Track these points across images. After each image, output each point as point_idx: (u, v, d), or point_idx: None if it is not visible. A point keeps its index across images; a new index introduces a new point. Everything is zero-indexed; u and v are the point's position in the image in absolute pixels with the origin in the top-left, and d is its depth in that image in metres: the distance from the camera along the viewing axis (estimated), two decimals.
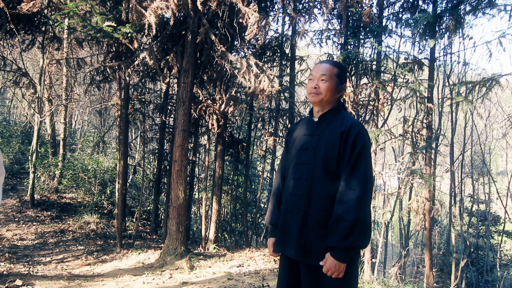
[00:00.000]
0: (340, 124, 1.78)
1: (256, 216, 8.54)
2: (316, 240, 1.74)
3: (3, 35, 6.82)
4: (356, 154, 1.70)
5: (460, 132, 10.99)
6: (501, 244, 11.11)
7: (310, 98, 1.87)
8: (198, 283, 4.30)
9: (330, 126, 1.81)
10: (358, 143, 1.71)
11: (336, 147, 1.74)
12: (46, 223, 8.30)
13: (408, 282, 6.59)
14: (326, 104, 1.87)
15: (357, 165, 1.69)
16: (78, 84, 12.18)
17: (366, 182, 1.67)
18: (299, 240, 1.78)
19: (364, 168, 1.69)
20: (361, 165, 1.69)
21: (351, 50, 6.89)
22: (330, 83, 1.83)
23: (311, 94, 1.86)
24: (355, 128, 1.73)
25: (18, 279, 4.24)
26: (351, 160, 1.70)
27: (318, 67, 1.88)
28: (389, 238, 13.51)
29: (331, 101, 1.87)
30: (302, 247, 1.76)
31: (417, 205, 6.37)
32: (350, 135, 1.71)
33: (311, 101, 1.89)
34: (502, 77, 6.48)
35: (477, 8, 6.03)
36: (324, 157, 1.76)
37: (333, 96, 1.85)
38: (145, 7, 5.22)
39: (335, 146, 1.74)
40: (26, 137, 13.88)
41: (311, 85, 1.86)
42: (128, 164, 8.06)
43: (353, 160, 1.70)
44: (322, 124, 1.85)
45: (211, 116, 6.42)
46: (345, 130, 1.73)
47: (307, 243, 1.75)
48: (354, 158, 1.70)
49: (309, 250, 1.75)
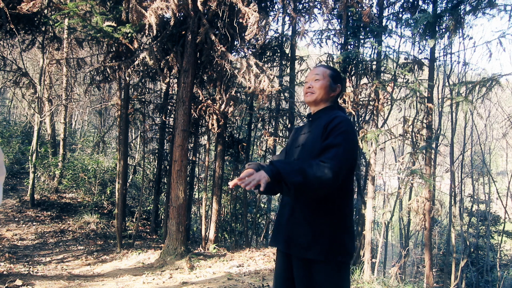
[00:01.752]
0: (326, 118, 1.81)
1: (256, 216, 8.54)
2: (301, 231, 1.76)
3: (3, 35, 6.82)
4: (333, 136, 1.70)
5: (460, 132, 10.99)
6: (501, 244, 11.11)
7: (306, 99, 1.95)
8: (198, 283, 4.30)
9: (318, 122, 1.86)
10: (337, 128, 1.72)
11: (320, 138, 1.77)
12: (46, 223, 8.30)
13: (408, 282, 6.58)
14: (321, 103, 1.92)
15: (331, 147, 1.69)
16: (78, 84, 12.18)
17: (334, 164, 1.63)
18: (285, 232, 1.81)
19: (337, 151, 1.66)
20: (335, 148, 1.67)
21: (351, 50, 6.89)
22: (323, 81, 1.91)
23: (306, 94, 1.94)
24: (337, 119, 1.76)
25: (18, 279, 4.24)
26: (326, 141, 1.71)
27: (312, 71, 1.98)
28: (389, 238, 13.51)
29: (325, 100, 1.92)
30: (288, 238, 1.79)
31: (417, 205, 6.36)
32: (331, 124, 1.75)
33: (306, 102, 1.96)
34: (502, 77, 6.48)
35: (477, 8, 6.03)
36: (312, 150, 1.79)
37: (327, 94, 1.91)
38: (145, 7, 5.22)
39: (319, 138, 1.78)
40: (26, 137, 13.88)
41: (306, 86, 1.95)
42: (128, 164, 8.06)
43: (328, 141, 1.70)
44: (314, 122, 1.91)
45: (211, 116, 6.42)
46: (327, 122, 1.77)
47: (292, 234, 1.78)
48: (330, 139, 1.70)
49: (294, 241, 1.77)
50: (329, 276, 1.70)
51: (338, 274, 1.73)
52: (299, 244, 1.74)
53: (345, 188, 1.78)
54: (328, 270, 1.71)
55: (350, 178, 1.81)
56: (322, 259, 1.70)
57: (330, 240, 1.72)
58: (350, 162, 1.72)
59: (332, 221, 1.74)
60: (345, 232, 1.77)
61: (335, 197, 1.75)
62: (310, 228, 1.73)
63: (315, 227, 1.73)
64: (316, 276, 1.71)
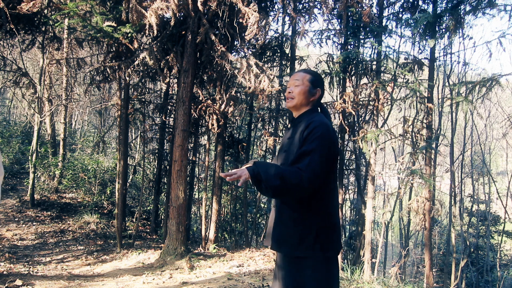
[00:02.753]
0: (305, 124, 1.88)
1: (256, 216, 8.54)
2: (289, 232, 1.84)
3: (3, 35, 6.82)
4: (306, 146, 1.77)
5: (460, 132, 10.98)
6: (501, 244, 11.11)
7: (287, 104, 2.02)
8: (198, 283, 4.30)
9: (298, 128, 1.93)
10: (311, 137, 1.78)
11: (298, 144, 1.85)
12: (46, 223, 8.30)
13: (408, 282, 6.58)
14: (301, 107, 1.99)
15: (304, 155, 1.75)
16: (78, 84, 12.19)
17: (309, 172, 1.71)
18: (274, 232, 1.91)
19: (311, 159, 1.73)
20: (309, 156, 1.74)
21: (351, 50, 6.89)
22: (301, 87, 1.96)
23: (287, 100, 2.01)
24: (312, 125, 1.82)
25: (18, 279, 4.24)
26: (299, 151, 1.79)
27: (292, 76, 2.04)
28: (389, 238, 13.51)
29: (305, 104, 1.98)
30: (277, 239, 1.89)
31: (417, 205, 6.37)
32: (307, 130, 1.82)
33: (287, 107, 2.04)
34: (502, 77, 6.47)
35: (477, 8, 6.03)
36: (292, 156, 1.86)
37: (306, 99, 1.97)
38: (145, 7, 5.22)
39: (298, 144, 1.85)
40: (26, 137, 13.89)
41: (287, 91, 2.01)
42: (128, 164, 8.06)
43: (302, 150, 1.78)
44: (296, 127, 1.97)
45: (211, 116, 6.42)
46: (304, 128, 1.84)
47: (281, 234, 1.88)
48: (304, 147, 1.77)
49: (282, 241, 1.86)
50: (316, 271, 1.80)
51: (325, 268, 1.82)
52: (290, 244, 1.84)
53: (328, 187, 1.86)
54: (315, 265, 1.80)
55: (332, 177, 1.88)
56: (309, 255, 1.80)
57: (317, 238, 1.81)
58: (327, 165, 1.79)
59: (317, 220, 1.83)
60: (330, 228, 1.85)
61: (319, 197, 1.83)
62: (297, 227, 1.83)
63: (302, 226, 1.82)
64: (304, 271, 1.81)
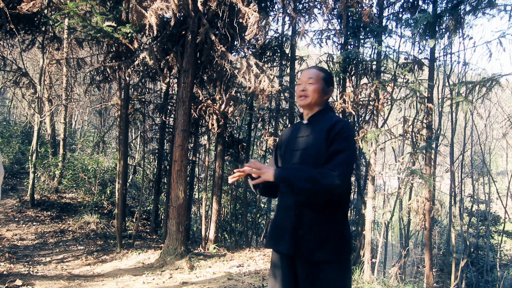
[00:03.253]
0: (327, 123, 1.87)
1: (256, 216, 8.54)
2: (310, 234, 1.79)
3: (3, 35, 6.82)
4: (338, 143, 1.77)
5: (460, 132, 10.98)
6: (501, 244, 11.11)
7: (299, 102, 1.97)
8: (198, 283, 4.30)
9: (318, 126, 1.90)
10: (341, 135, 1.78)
11: (323, 143, 1.82)
12: (46, 223, 8.30)
13: (408, 282, 6.59)
14: (314, 106, 1.96)
15: (338, 153, 1.76)
16: (78, 84, 12.18)
17: (342, 171, 1.72)
18: (292, 235, 1.82)
19: (344, 157, 1.75)
20: (342, 153, 1.75)
21: (351, 50, 6.89)
22: (317, 85, 1.93)
23: (300, 98, 1.96)
24: (339, 124, 1.82)
25: (18, 279, 4.24)
26: (331, 148, 1.78)
27: (305, 73, 1.99)
28: (389, 238, 13.51)
29: (319, 103, 1.96)
30: (296, 243, 1.81)
31: (417, 205, 6.36)
32: (335, 129, 1.80)
33: (300, 105, 1.99)
34: (502, 77, 6.47)
35: (477, 8, 6.03)
36: (315, 155, 1.83)
37: (320, 98, 1.95)
38: (145, 7, 5.22)
39: (322, 143, 1.82)
40: (26, 137, 13.88)
41: (299, 89, 1.96)
42: (128, 164, 8.06)
43: (333, 148, 1.77)
44: (311, 125, 1.95)
45: (211, 116, 6.42)
46: (330, 127, 1.82)
47: (300, 237, 1.80)
48: (335, 146, 1.77)
49: (302, 244, 1.80)
50: (336, 275, 1.77)
51: (344, 271, 1.80)
52: (307, 247, 1.78)
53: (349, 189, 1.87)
54: (336, 269, 1.77)
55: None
56: (331, 260, 1.76)
57: (337, 241, 1.78)
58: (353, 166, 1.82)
59: (337, 222, 1.81)
60: (346, 229, 1.84)
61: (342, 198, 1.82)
62: (319, 230, 1.78)
63: (323, 229, 1.78)
64: (323, 276, 1.76)
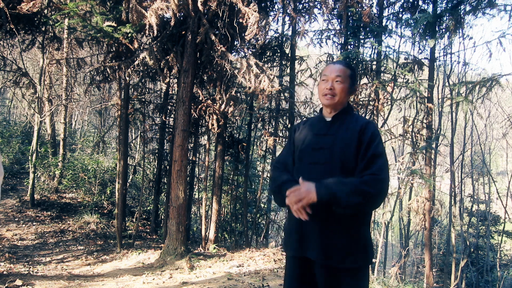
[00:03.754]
0: (354, 123, 1.81)
1: (256, 216, 8.54)
2: (339, 241, 1.73)
3: (3, 35, 6.82)
4: (374, 148, 1.73)
5: (460, 132, 10.99)
6: (501, 244, 11.11)
7: (325, 101, 1.85)
8: (198, 283, 4.30)
9: (344, 126, 1.83)
10: (375, 138, 1.75)
11: (353, 146, 1.75)
12: (46, 223, 8.30)
13: (408, 282, 6.59)
14: (339, 105, 1.87)
15: (376, 158, 1.72)
16: (78, 84, 12.18)
17: (385, 174, 1.71)
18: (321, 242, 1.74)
19: (383, 161, 1.73)
20: (380, 158, 1.73)
21: (351, 50, 6.89)
22: (344, 84, 1.84)
23: (326, 96, 1.84)
24: (370, 126, 1.78)
25: (18, 279, 4.24)
26: (368, 153, 1.73)
27: (331, 68, 1.87)
28: (389, 238, 13.51)
29: (344, 102, 1.88)
30: (324, 249, 1.73)
31: (417, 205, 6.37)
32: (367, 132, 1.75)
33: (325, 104, 1.87)
34: (502, 77, 6.48)
35: (477, 8, 6.03)
36: (342, 156, 1.76)
37: (346, 97, 1.87)
38: (145, 7, 5.22)
39: (351, 145, 1.76)
40: (26, 137, 13.88)
41: (326, 86, 1.83)
42: (128, 164, 8.06)
43: (371, 153, 1.72)
44: (335, 124, 1.85)
45: (211, 116, 6.42)
46: (361, 129, 1.77)
47: (329, 245, 1.73)
48: (372, 151, 1.73)
49: (330, 251, 1.73)
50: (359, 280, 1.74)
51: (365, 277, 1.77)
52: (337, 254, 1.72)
53: None
54: (358, 275, 1.75)
55: None
56: (357, 266, 1.73)
57: (364, 247, 1.75)
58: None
59: (363, 228, 1.78)
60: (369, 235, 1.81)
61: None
62: (347, 237, 1.73)
63: (351, 236, 1.74)
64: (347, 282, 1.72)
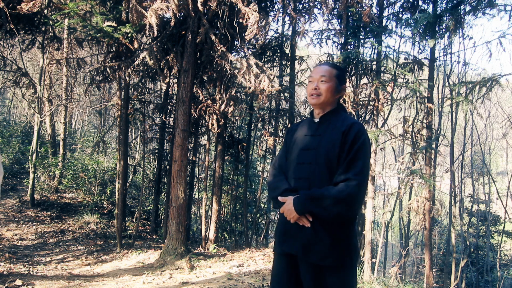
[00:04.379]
0: (341, 124, 1.83)
1: (256, 216, 8.54)
2: (320, 239, 1.76)
3: (3, 35, 6.82)
4: (355, 150, 1.74)
5: (460, 132, 10.99)
6: (501, 244, 11.11)
7: (311, 101, 1.90)
8: (198, 283, 4.30)
9: (331, 126, 1.85)
10: (358, 140, 1.75)
11: (337, 145, 1.77)
12: (46, 223, 8.30)
13: (408, 282, 6.59)
14: (327, 105, 1.90)
15: (355, 161, 1.73)
16: (78, 84, 12.18)
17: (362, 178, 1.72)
18: (301, 238, 1.79)
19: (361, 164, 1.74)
20: (359, 160, 1.73)
21: (351, 50, 6.89)
22: (329, 84, 1.87)
23: (312, 96, 1.89)
24: (355, 127, 1.78)
25: (18, 279, 4.24)
26: (349, 156, 1.74)
27: (317, 69, 1.92)
28: (389, 238, 13.52)
29: (331, 102, 1.90)
30: (304, 245, 1.78)
31: (417, 205, 6.37)
32: (350, 133, 1.76)
33: (312, 104, 1.92)
34: (502, 77, 6.48)
35: (477, 8, 6.03)
36: (326, 156, 1.79)
37: (333, 97, 1.89)
38: (145, 7, 5.22)
39: (336, 144, 1.78)
40: (26, 137, 13.88)
41: (311, 87, 1.89)
42: (128, 164, 8.06)
43: (351, 156, 1.74)
44: (323, 125, 1.89)
45: (211, 116, 6.42)
46: (346, 129, 1.78)
47: (309, 241, 1.77)
48: (353, 153, 1.74)
49: (311, 248, 1.76)
50: (343, 280, 1.75)
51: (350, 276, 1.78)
52: (318, 251, 1.75)
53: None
54: (342, 273, 1.76)
55: None
56: (339, 265, 1.75)
57: (347, 246, 1.77)
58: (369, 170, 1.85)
59: (347, 228, 1.79)
60: (355, 234, 1.83)
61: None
62: (330, 236, 1.75)
63: (334, 235, 1.76)
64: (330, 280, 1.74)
